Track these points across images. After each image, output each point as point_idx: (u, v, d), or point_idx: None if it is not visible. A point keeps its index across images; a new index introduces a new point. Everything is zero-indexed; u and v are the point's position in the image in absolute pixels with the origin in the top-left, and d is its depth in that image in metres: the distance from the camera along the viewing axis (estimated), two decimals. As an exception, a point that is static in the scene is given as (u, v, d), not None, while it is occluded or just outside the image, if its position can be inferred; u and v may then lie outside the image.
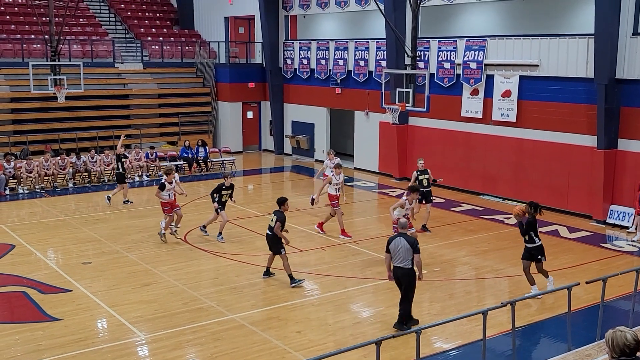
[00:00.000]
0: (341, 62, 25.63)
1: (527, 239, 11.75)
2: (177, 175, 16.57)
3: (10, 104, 25.10)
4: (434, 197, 17.48)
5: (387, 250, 10.37)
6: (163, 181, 15.49)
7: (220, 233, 15.48)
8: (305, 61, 27.42)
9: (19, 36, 27.30)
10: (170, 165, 16.02)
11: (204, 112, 29.01)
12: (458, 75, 21.19)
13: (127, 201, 19.14)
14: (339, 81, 25.79)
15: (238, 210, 18.18)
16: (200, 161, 24.63)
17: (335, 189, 16.16)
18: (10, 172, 20.67)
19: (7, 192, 20.40)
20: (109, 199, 18.97)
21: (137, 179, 22.65)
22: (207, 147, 25.20)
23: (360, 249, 15.00)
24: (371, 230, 16.86)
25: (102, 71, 27.43)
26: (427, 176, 16.64)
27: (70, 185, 21.64)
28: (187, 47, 30.45)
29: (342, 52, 25.57)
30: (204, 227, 15.82)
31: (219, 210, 15.43)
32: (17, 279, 12.70)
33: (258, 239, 15.60)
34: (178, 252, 14.68)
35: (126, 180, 19.64)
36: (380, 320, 11.13)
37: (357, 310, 11.67)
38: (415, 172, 16.79)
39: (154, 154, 23.67)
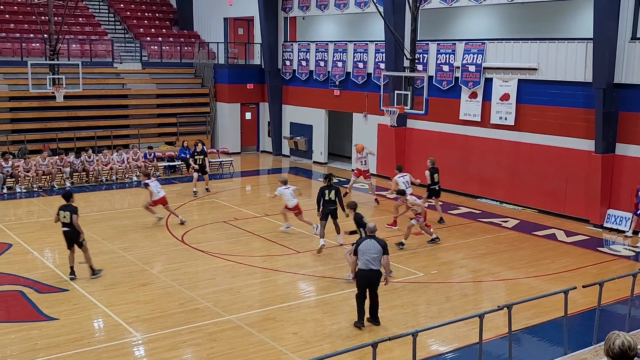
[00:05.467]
0: (340, 64, 25.65)
1: None
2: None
3: (8, 102, 25.07)
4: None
5: (356, 253, 10.54)
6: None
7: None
8: (304, 63, 27.43)
9: (18, 35, 27.28)
10: (146, 170, 17.65)
11: (202, 113, 29.00)
12: (457, 78, 21.22)
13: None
14: (337, 83, 25.80)
15: (235, 211, 18.17)
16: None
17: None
18: (7, 170, 20.64)
19: (5, 190, 20.37)
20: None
21: (134, 179, 22.62)
22: (205, 148, 25.13)
23: (358, 251, 14.97)
24: (368, 233, 16.83)
25: (100, 71, 27.41)
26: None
27: (68, 184, 21.61)
28: (186, 48, 30.45)
29: (341, 54, 25.59)
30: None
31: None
32: (14, 278, 12.68)
33: (255, 240, 15.61)
34: (175, 252, 14.67)
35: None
36: (376, 322, 11.13)
37: (353, 313, 11.64)
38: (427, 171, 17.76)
39: (152, 154, 23.65)
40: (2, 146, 23.55)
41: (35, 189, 20.83)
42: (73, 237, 12.60)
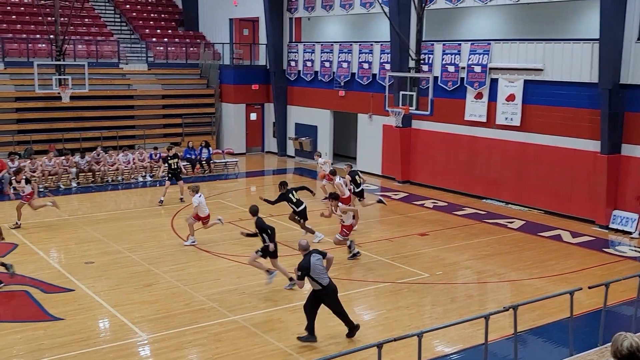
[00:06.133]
0: (345, 65, 25.65)
1: None
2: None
3: (14, 103, 25.16)
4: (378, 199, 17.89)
5: (304, 277, 10.01)
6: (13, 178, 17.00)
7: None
8: (309, 63, 27.44)
9: (24, 36, 27.38)
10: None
11: (207, 114, 29.06)
12: (462, 78, 21.19)
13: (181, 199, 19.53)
14: (342, 84, 25.81)
15: (240, 211, 18.18)
16: (204, 162, 24.64)
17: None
18: (14, 171, 20.67)
19: (12, 191, 20.40)
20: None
21: (140, 179, 22.67)
22: (210, 149, 25.23)
23: (363, 252, 14.98)
24: (373, 233, 16.86)
25: (106, 71, 27.50)
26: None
27: (74, 185, 21.67)
28: (191, 49, 30.51)
29: (346, 54, 25.59)
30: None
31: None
32: (20, 278, 12.71)
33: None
34: (180, 253, 14.68)
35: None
36: (382, 323, 11.13)
37: (358, 313, 11.66)
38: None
39: (158, 154, 23.69)
40: (8, 146, 23.64)
41: (41, 190, 20.86)
42: None
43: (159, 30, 31.72)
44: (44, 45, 26.89)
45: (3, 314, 11.20)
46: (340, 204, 14.84)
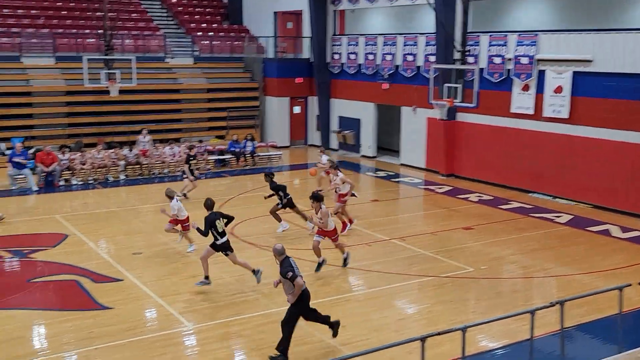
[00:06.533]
0: (389, 57, 25.50)
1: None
2: None
3: (65, 97, 25.80)
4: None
5: (298, 275, 9.49)
6: None
7: None
8: (352, 56, 27.37)
9: (74, 31, 28.02)
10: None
11: (251, 107, 29.27)
12: (509, 70, 20.83)
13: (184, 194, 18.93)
14: (386, 76, 25.66)
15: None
16: (248, 155, 24.85)
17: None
18: (64, 163, 21.25)
19: (62, 183, 20.99)
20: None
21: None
22: (254, 142, 25.42)
23: (406, 245, 14.93)
24: (417, 227, 16.76)
25: (153, 66, 27.95)
26: None
27: (122, 177, 22.12)
28: (236, 42, 30.77)
29: (390, 47, 25.42)
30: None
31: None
32: (70, 268, 13.07)
33: (303, 234, 15.69)
34: (225, 244, 14.84)
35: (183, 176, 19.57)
36: (425, 317, 11.08)
37: (401, 307, 11.64)
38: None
39: (203, 147, 23.99)
40: (59, 139, 24.27)
41: (91, 182, 21.39)
42: None
43: (204, 25, 32.07)
44: (93, 40, 27.47)
45: (54, 303, 11.53)
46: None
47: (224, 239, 11.91)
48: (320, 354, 9.52)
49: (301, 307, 9.48)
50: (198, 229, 11.96)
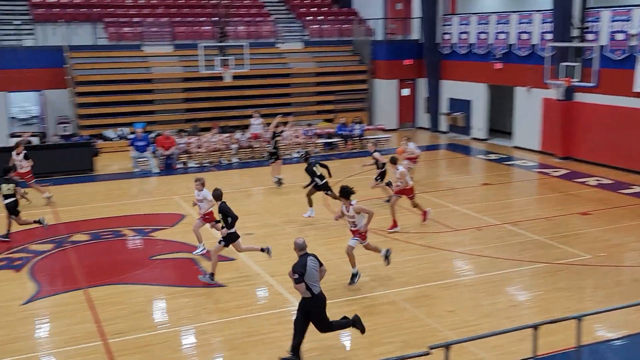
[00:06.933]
0: (502, 36, 24.66)
1: None
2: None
3: (182, 83, 26.93)
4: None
5: (301, 280, 8.73)
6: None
7: None
8: (464, 36, 26.70)
9: (191, 19, 29.14)
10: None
11: (360, 90, 29.30)
12: (632, 46, 19.58)
13: (279, 180, 19.03)
14: (499, 56, 24.85)
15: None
16: (356, 138, 24.93)
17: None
18: (182, 147, 22.23)
19: (179, 165, 21.99)
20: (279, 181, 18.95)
21: (295, 155, 23.41)
22: (362, 125, 25.44)
23: (519, 230, 14.49)
24: (530, 212, 16.20)
25: (264, 51, 28.57)
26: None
27: (235, 160, 22.84)
28: (345, 25, 30.83)
29: (504, 25, 24.57)
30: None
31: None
32: (187, 247, 13.70)
33: (412, 217, 15.59)
34: (333, 226, 15.00)
35: (279, 158, 19.81)
36: (538, 304, 10.75)
37: (513, 293, 11.34)
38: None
39: (312, 131, 24.30)
40: (177, 124, 25.42)
41: (206, 164, 22.25)
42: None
43: (314, 9, 32.34)
44: (208, 28, 28.47)
45: (173, 279, 12.15)
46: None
47: (234, 229, 11.67)
48: (426, 336, 9.44)
49: (320, 311, 8.82)
50: (226, 220, 11.59)
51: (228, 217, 11.58)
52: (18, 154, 17.23)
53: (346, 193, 11.50)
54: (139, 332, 9.82)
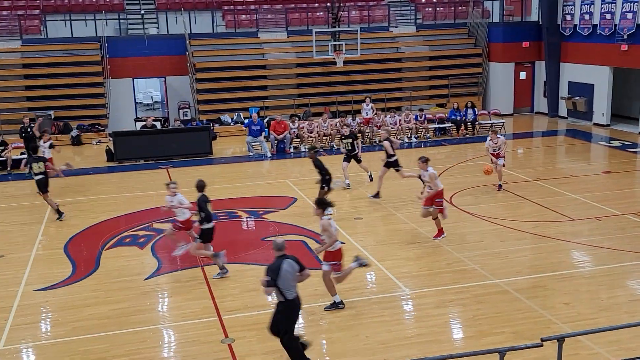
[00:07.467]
0: (630, 16, 23.19)
1: None
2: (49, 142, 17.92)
3: (295, 69, 27.41)
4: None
5: (273, 284, 8.12)
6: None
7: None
8: (587, 16, 25.36)
9: (304, 5, 29.54)
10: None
11: (474, 74, 28.61)
12: None
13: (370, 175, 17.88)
14: (625, 37, 23.41)
15: (506, 174, 17.73)
16: (469, 124, 24.38)
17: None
18: (294, 131, 22.66)
19: (292, 150, 22.44)
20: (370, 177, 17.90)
21: (406, 140, 23.25)
22: (476, 109, 24.82)
23: (643, 221, 13.70)
24: (656, 202, 15.25)
25: (377, 36, 28.50)
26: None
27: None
28: (460, 8, 30.14)
29: (632, 4, 23.10)
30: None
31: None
32: (298, 229, 14.02)
33: (526, 205, 15.13)
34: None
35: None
36: (662, 300, 10.15)
37: (635, 287, 10.76)
38: None
39: (423, 116, 24.04)
40: (289, 109, 25.94)
41: (319, 149, 22.53)
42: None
43: (427, -8, 31.84)
44: (321, 13, 28.75)
45: (284, 260, 12.48)
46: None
47: (211, 224, 11.38)
48: (539, 328, 9.17)
49: (289, 318, 8.26)
50: (202, 215, 11.24)
51: (202, 212, 11.22)
52: (45, 142, 17.88)
53: (322, 204, 10.05)
54: (251, 310, 10.19)
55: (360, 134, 23.17)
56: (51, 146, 18.14)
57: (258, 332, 9.38)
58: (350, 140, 17.26)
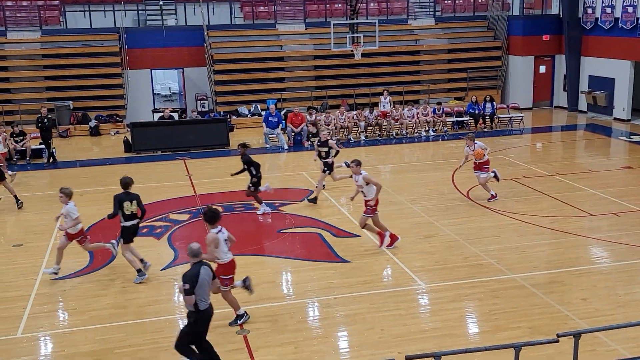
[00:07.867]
0: (652, 9, 22.88)
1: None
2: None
3: (313, 61, 27.36)
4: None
5: (192, 292, 7.74)
6: None
7: None
8: (608, 9, 25.03)
9: (322, -3, 29.49)
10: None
11: (493, 67, 28.39)
12: None
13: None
14: (648, 30, 23.11)
15: (524, 169, 17.61)
16: (487, 117, 24.21)
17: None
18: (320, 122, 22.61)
19: (309, 142, 22.41)
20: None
21: (423, 133, 23.14)
22: (494, 103, 24.63)
23: (663, 218, 13.52)
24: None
25: (395, 28, 28.35)
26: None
27: (362, 138, 22.95)
28: (479, 0, 29.90)
29: (654, -3, 22.79)
30: None
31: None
32: (314, 222, 14.03)
33: (544, 200, 15.01)
34: (459, 207, 14.78)
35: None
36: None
37: (655, 284, 10.65)
38: None
39: (441, 109, 23.90)
40: (307, 101, 25.92)
41: (336, 141, 22.48)
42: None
43: (446, -16, 31.61)
44: (339, 5, 28.65)
45: (300, 253, 12.50)
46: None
47: (133, 221, 11.03)
48: (556, 324, 9.10)
49: (195, 330, 7.98)
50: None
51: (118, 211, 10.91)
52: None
53: (210, 217, 9.16)
54: (267, 301, 10.22)
55: (377, 127, 23.15)
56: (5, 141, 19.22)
57: (272, 324, 9.40)
58: (326, 149, 15.83)
